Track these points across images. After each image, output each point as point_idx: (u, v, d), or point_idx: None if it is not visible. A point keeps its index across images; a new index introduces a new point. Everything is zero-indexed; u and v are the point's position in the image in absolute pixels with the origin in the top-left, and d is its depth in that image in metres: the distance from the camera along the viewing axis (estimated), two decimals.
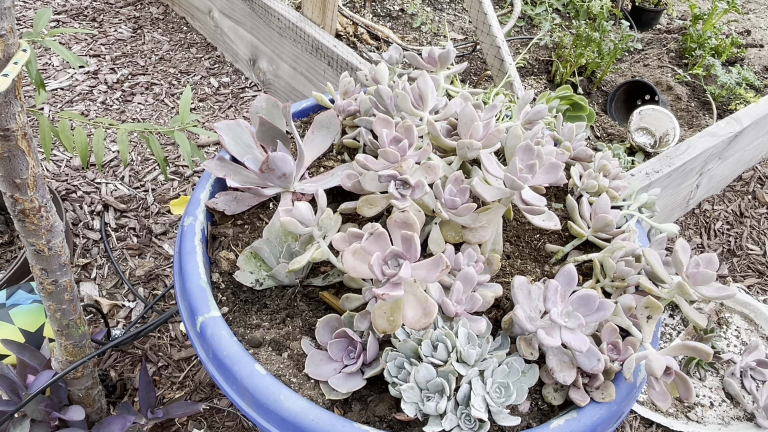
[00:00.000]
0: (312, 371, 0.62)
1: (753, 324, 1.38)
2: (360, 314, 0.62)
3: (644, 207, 0.82)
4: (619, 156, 1.49)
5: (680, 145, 1.41)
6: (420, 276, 0.55)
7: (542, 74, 1.92)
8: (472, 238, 0.66)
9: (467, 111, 0.68)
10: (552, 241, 0.79)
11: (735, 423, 1.18)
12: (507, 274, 0.73)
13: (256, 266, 0.70)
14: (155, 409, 0.96)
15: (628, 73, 1.98)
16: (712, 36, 1.96)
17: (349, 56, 1.54)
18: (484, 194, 0.64)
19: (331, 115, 0.84)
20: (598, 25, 1.80)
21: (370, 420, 0.60)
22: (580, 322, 0.57)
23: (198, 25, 2.22)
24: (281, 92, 1.89)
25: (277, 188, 0.78)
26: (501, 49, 1.52)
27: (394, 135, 0.65)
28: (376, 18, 2.08)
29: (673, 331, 1.35)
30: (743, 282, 1.53)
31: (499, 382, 0.58)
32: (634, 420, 1.19)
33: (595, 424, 0.59)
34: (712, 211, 1.71)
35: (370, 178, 0.66)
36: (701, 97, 1.87)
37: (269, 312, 0.69)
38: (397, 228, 0.57)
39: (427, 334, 0.59)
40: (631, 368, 0.58)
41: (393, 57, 0.90)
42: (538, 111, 0.79)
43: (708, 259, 0.62)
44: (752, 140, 1.68)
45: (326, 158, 0.88)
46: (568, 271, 0.59)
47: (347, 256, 0.56)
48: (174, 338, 1.22)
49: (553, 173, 0.63)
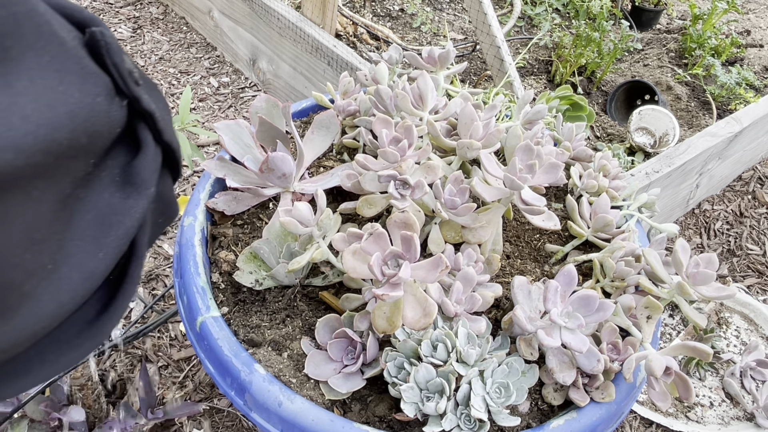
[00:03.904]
0: (312, 371, 0.62)
1: (753, 324, 1.38)
2: (360, 314, 0.62)
3: (644, 207, 0.82)
4: (619, 156, 1.49)
5: (680, 145, 1.41)
6: (420, 276, 0.55)
7: (542, 74, 1.92)
8: (472, 238, 0.66)
9: (467, 111, 0.68)
10: (552, 241, 0.79)
11: (735, 423, 1.18)
12: (507, 274, 0.73)
13: (256, 266, 0.70)
14: (155, 409, 0.96)
15: (628, 73, 1.98)
16: (712, 36, 1.96)
17: (349, 56, 1.54)
18: (484, 194, 0.64)
19: (331, 115, 0.84)
20: (597, 25, 1.80)
21: (370, 420, 0.60)
22: (580, 323, 0.57)
23: (198, 25, 2.22)
24: (281, 92, 1.89)
25: (277, 188, 0.78)
26: (501, 49, 1.52)
27: (394, 135, 0.65)
28: (376, 18, 2.08)
29: (673, 331, 1.35)
30: (743, 282, 1.53)
31: (498, 383, 0.57)
32: (634, 420, 1.19)
33: (594, 424, 0.59)
34: (711, 211, 1.71)
35: (369, 178, 0.66)
36: (701, 97, 1.87)
37: (269, 312, 0.69)
38: (397, 228, 0.57)
39: (426, 334, 0.59)
40: (630, 368, 0.58)
41: (393, 57, 0.90)
42: (538, 111, 0.79)
43: (708, 259, 0.62)
44: (752, 140, 1.68)
45: (326, 158, 0.88)
46: (568, 272, 0.59)
47: (347, 257, 0.56)
48: (174, 338, 1.22)
49: (553, 173, 0.63)
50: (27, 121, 0.23)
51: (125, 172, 0.31)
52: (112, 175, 0.30)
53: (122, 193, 0.31)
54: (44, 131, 0.24)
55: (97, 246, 0.29)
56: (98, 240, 0.30)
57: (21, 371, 0.29)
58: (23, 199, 0.25)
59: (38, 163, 0.24)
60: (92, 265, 0.29)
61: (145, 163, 0.32)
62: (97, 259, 0.29)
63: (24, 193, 0.25)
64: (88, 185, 0.29)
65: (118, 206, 0.31)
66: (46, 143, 0.24)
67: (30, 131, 0.23)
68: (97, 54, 0.29)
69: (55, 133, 0.25)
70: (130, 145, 0.32)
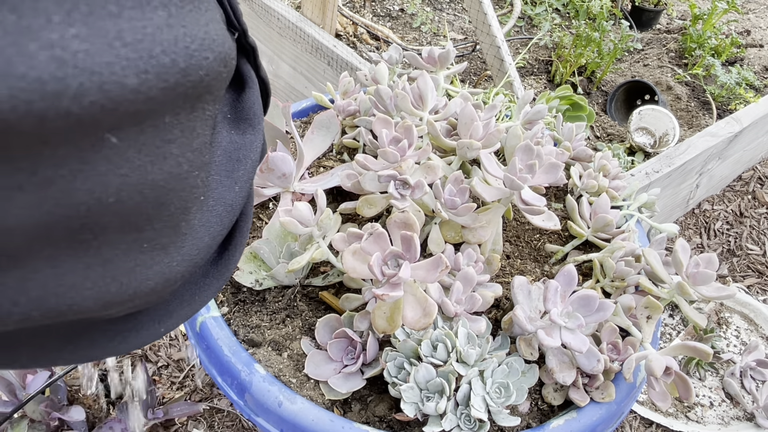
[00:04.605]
0: (312, 371, 0.62)
1: (753, 324, 1.38)
2: (360, 314, 0.62)
3: (644, 207, 0.82)
4: (619, 156, 1.49)
5: (680, 145, 1.41)
6: (420, 276, 0.55)
7: (542, 74, 1.91)
8: (472, 238, 0.66)
9: (467, 111, 0.68)
10: (552, 241, 0.79)
11: (735, 423, 1.18)
12: (507, 274, 0.73)
13: (256, 266, 0.70)
14: (155, 409, 0.96)
15: (628, 73, 1.98)
16: (712, 36, 1.96)
17: (349, 56, 1.54)
18: (484, 194, 0.64)
19: (331, 115, 0.84)
20: (597, 25, 1.80)
21: (369, 420, 0.60)
22: (580, 323, 0.57)
23: None
24: (281, 92, 1.89)
25: (277, 188, 0.78)
26: (501, 49, 1.52)
27: (394, 135, 0.65)
28: (376, 18, 2.08)
29: (673, 331, 1.35)
30: (743, 282, 1.53)
31: (498, 383, 0.57)
32: (633, 420, 1.19)
33: (594, 424, 0.59)
34: (711, 211, 1.71)
35: (369, 178, 0.66)
36: (701, 97, 1.87)
37: (269, 312, 0.69)
38: (397, 228, 0.57)
39: (426, 334, 0.59)
40: (630, 368, 0.58)
41: (393, 57, 0.90)
42: (538, 111, 0.78)
43: (708, 259, 0.62)
44: (752, 140, 1.68)
45: (326, 158, 0.88)
46: (568, 272, 0.59)
47: (347, 257, 0.56)
48: (174, 338, 1.22)
49: (553, 173, 0.63)
50: (210, 33, 0.24)
51: (235, 109, 0.32)
52: (223, 112, 0.31)
53: (237, 129, 0.31)
54: (221, 40, 0.25)
55: (233, 180, 0.30)
56: (231, 174, 0.30)
57: (171, 310, 0.30)
58: (202, 115, 0.25)
59: (220, 74, 0.25)
60: (231, 197, 0.30)
61: (254, 99, 0.32)
62: (233, 192, 0.30)
63: (203, 108, 0.25)
64: (215, 119, 0.30)
65: (239, 142, 0.31)
66: (223, 52, 0.25)
67: (215, 39, 0.24)
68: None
69: (225, 43, 0.25)
70: (234, 81, 0.32)
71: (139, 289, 0.25)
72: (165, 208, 0.24)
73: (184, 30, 0.22)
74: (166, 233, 0.25)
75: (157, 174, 0.23)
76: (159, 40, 0.21)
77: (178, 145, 0.24)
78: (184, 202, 0.25)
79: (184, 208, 0.26)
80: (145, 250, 0.24)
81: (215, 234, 0.29)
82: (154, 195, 0.23)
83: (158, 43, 0.21)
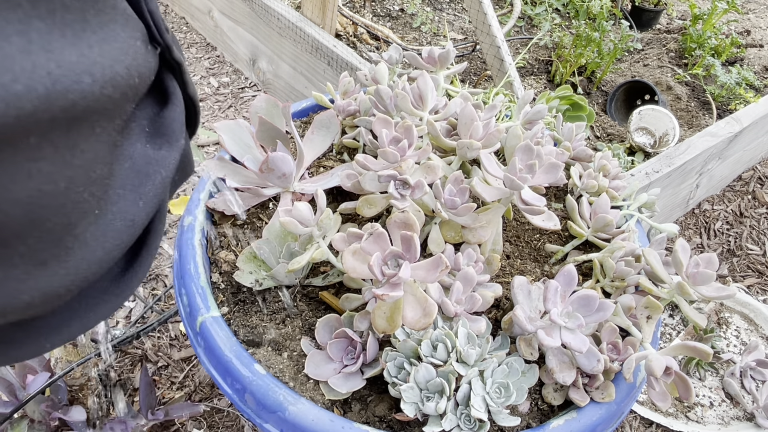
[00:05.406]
0: (312, 371, 0.61)
1: (753, 324, 1.38)
2: (360, 314, 0.62)
3: (644, 207, 0.82)
4: (619, 156, 1.49)
5: (680, 145, 1.41)
6: (420, 276, 0.55)
7: (542, 74, 1.91)
8: (472, 238, 0.66)
9: (467, 111, 0.68)
10: (552, 241, 0.79)
11: (735, 423, 1.18)
12: (507, 274, 0.73)
13: (256, 266, 0.70)
14: (155, 409, 0.96)
15: (628, 73, 1.98)
16: (712, 36, 1.96)
17: (349, 56, 1.54)
18: (484, 194, 0.64)
19: (331, 115, 0.84)
20: (597, 25, 1.80)
21: (370, 420, 0.60)
22: (580, 323, 0.57)
23: (198, 25, 2.22)
24: (281, 92, 1.89)
25: (277, 188, 0.78)
26: (501, 49, 1.52)
27: (394, 135, 0.65)
28: (376, 18, 2.08)
29: (673, 331, 1.35)
30: (743, 282, 1.53)
31: (498, 383, 0.57)
32: (633, 420, 1.19)
33: (594, 424, 0.59)
34: (711, 211, 1.71)
35: (369, 178, 0.66)
36: (701, 97, 1.87)
37: (269, 312, 0.69)
38: (397, 228, 0.57)
39: (426, 334, 0.59)
40: (630, 368, 0.57)
41: (393, 57, 0.90)
42: (538, 111, 0.78)
43: (708, 259, 0.62)
44: (752, 140, 1.68)
45: (326, 158, 0.88)
46: (568, 272, 0.59)
47: (347, 257, 0.56)
48: (174, 338, 1.22)
49: (553, 173, 0.63)
50: (90, 57, 0.24)
51: (154, 123, 0.31)
52: (141, 125, 0.30)
53: (153, 144, 0.31)
54: (109, 63, 0.25)
55: (137, 195, 0.30)
56: (137, 189, 0.30)
57: (56, 325, 0.29)
58: (89, 134, 0.25)
59: (107, 96, 0.24)
60: (133, 212, 0.29)
61: (175, 115, 0.32)
62: (137, 208, 0.30)
63: (90, 127, 0.25)
64: (123, 133, 0.29)
65: (152, 156, 0.31)
66: (111, 74, 0.24)
67: (97, 62, 0.24)
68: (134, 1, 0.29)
69: (115, 65, 0.25)
70: (156, 96, 0.32)
71: (10, 303, 0.25)
72: (40, 224, 0.24)
73: (48, 56, 0.22)
74: (43, 248, 0.25)
75: (20, 192, 0.22)
76: (8, 67, 0.20)
77: (51, 163, 0.23)
78: (66, 218, 0.25)
79: (68, 224, 0.25)
80: (17, 264, 0.24)
81: (111, 248, 0.28)
82: (19, 212, 0.23)
83: (7, 71, 0.20)
